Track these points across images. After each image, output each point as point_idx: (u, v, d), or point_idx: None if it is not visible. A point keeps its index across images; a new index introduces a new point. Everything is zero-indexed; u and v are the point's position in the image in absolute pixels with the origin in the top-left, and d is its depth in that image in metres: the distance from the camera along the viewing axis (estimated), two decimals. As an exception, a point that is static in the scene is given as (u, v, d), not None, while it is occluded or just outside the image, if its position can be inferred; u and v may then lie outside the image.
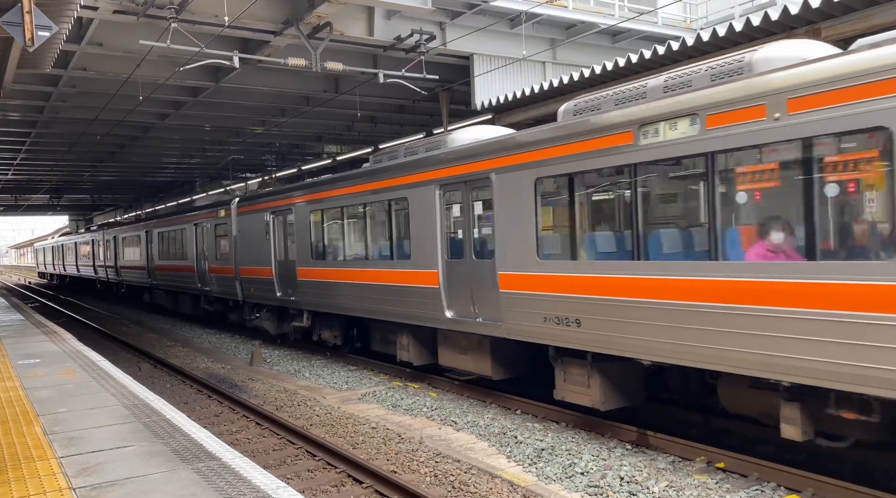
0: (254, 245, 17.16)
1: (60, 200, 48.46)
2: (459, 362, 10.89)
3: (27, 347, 13.60)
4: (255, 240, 17.12)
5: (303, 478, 7.88)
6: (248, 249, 17.61)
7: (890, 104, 5.26)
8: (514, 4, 15.09)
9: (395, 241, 11.83)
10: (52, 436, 6.85)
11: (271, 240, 16.27)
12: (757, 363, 6.27)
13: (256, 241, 17.01)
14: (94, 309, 32.29)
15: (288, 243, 15.66)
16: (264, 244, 16.56)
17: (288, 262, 15.54)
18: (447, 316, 10.43)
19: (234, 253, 18.34)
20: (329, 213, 13.91)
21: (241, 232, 18.03)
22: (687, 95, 6.85)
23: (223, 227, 19.41)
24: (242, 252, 17.88)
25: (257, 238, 16.93)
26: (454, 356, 11.04)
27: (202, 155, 30.49)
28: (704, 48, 11.20)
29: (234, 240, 18.36)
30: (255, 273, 17.08)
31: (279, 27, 13.82)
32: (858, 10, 9.41)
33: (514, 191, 8.96)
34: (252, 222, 17.33)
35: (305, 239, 14.62)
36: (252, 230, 17.33)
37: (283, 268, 15.76)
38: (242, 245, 17.92)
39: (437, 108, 19.25)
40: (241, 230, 17.97)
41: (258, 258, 16.89)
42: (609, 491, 6.99)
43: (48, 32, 8.85)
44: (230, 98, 19.69)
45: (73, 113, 20.91)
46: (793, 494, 6.65)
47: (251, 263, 17.33)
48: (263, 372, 14.58)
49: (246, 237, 17.73)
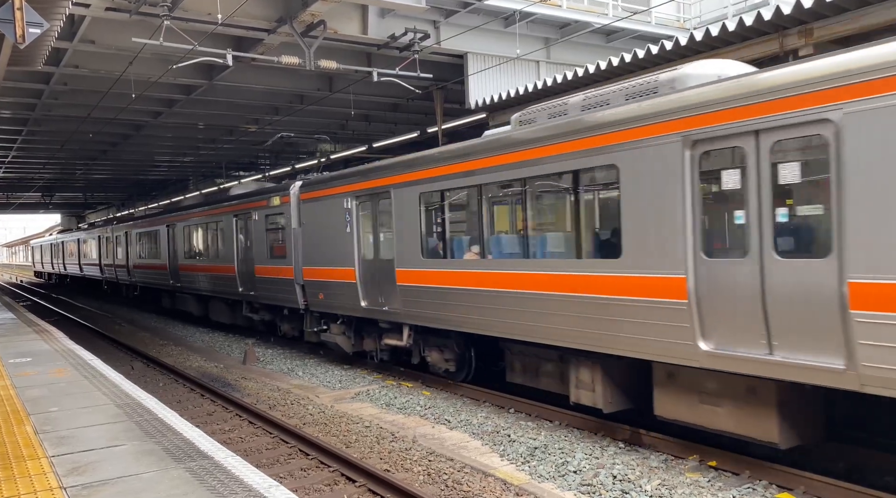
0: (325, 240, 13.76)
1: (52, 199, 48.25)
2: (709, 418, 7.33)
3: (18, 345, 13.53)
4: (327, 233, 13.66)
5: (296, 477, 7.87)
6: (315, 244, 14.14)
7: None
8: (508, 3, 15.09)
9: (591, 231, 8.75)
10: (43, 435, 6.81)
11: (354, 233, 12.79)
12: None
13: (329, 235, 13.57)
14: (87, 308, 32.15)
15: (380, 237, 12.33)
16: (342, 238, 13.08)
17: (380, 261, 12.21)
18: (703, 349, 6.91)
19: (295, 250, 14.81)
20: (455, 194, 10.59)
21: (305, 224, 14.50)
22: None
23: (277, 219, 15.87)
24: (307, 249, 14.40)
25: (331, 231, 13.48)
26: (698, 408, 7.44)
27: (195, 153, 30.39)
28: (697, 48, 11.24)
29: (295, 234, 14.83)
30: (327, 275, 13.67)
31: (273, 25, 13.78)
32: (851, 10, 9.45)
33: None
34: (323, 211, 13.80)
35: (412, 231, 11.20)
36: (323, 221, 13.82)
37: (373, 268, 12.38)
38: (308, 240, 14.43)
39: (431, 106, 19.24)
40: (307, 221, 14.45)
41: (331, 256, 13.46)
42: (602, 489, 7.00)
43: (39, 29, 8.81)
44: (223, 96, 19.64)
45: (65, 110, 20.81)
46: (784, 493, 6.68)
47: (320, 263, 13.90)
48: (257, 371, 14.55)
49: (313, 230, 14.23)
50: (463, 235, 10.68)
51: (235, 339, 19.16)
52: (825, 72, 5.81)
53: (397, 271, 11.50)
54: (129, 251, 29.62)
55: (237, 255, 18.13)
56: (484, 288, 9.65)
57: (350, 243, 12.86)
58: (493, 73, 16.39)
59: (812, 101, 5.87)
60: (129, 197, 50.96)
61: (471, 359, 11.20)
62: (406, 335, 11.79)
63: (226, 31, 14.08)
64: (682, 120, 6.92)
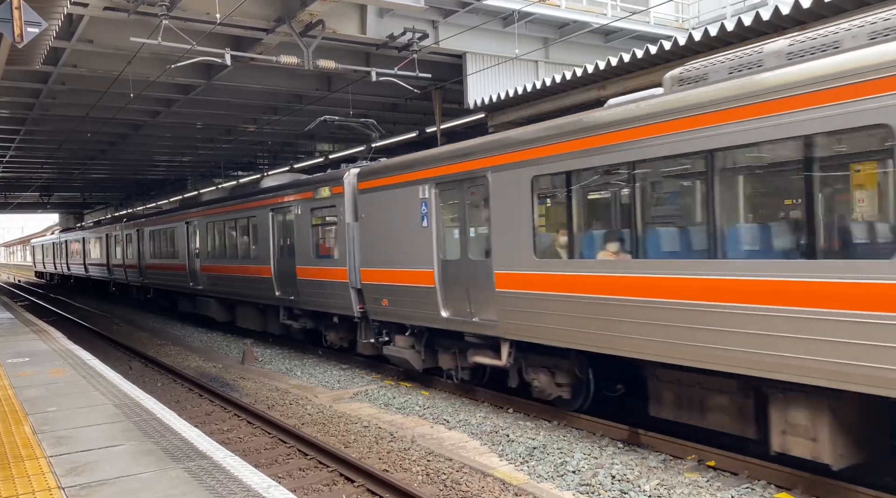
0: (391, 236, 11.68)
1: (50, 198, 48.21)
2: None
3: (16, 345, 13.51)
4: (394, 228, 11.61)
5: (294, 477, 7.86)
6: (377, 241, 12.07)
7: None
8: (506, 3, 15.09)
9: (832, 221, 6.34)
10: (42, 435, 6.80)
11: (433, 227, 10.67)
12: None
13: (398, 231, 11.51)
14: (85, 307, 32.11)
15: (469, 233, 10.24)
16: (416, 235, 11.02)
17: (469, 262, 10.10)
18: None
19: (349, 248, 12.79)
20: (588, 176, 8.27)
21: (364, 217, 12.43)
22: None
23: (327, 212, 13.82)
24: (367, 247, 12.39)
25: (400, 225, 11.41)
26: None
27: (194, 153, 30.37)
28: (696, 48, 11.23)
29: (350, 229, 12.77)
30: (394, 278, 11.61)
31: (271, 25, 13.78)
32: (849, 10, 9.46)
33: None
34: (389, 202, 11.71)
35: (519, 224, 8.98)
36: (389, 214, 11.72)
37: (458, 271, 10.30)
38: (367, 236, 12.36)
39: (429, 106, 19.24)
40: (366, 214, 12.38)
41: (400, 256, 11.43)
42: (600, 489, 7.00)
43: (37, 28, 8.80)
44: (222, 96, 19.63)
45: (64, 110, 20.80)
46: (783, 492, 6.68)
47: (385, 263, 11.85)
48: (255, 371, 14.54)
49: (375, 225, 12.14)
50: (596, 229, 8.48)
51: (234, 339, 19.15)
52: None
53: (496, 275, 9.32)
54: (141, 250, 27.50)
55: (274, 254, 16.06)
56: (631, 297, 7.53)
57: (427, 240, 10.77)
58: (491, 73, 16.39)
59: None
60: (128, 197, 50.93)
61: (589, 383, 9.01)
62: (506, 353, 9.56)
63: (224, 31, 14.07)
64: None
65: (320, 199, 13.91)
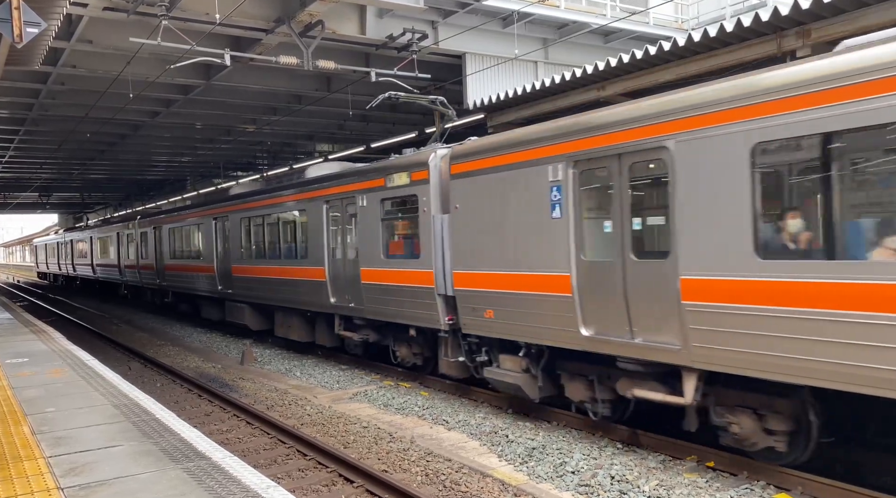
0: (501, 231, 9.37)
1: (50, 199, 48.18)
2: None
3: (15, 345, 13.50)
4: (505, 221, 9.28)
5: (293, 477, 7.86)
6: (479, 237, 9.78)
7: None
8: (506, 4, 15.09)
9: None
10: (41, 435, 6.80)
11: (569, 219, 8.28)
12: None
13: (510, 225, 9.20)
14: (84, 308, 32.09)
15: (631, 225, 7.70)
16: (541, 228, 8.70)
17: (629, 265, 7.59)
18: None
19: (436, 246, 10.60)
20: (863, 138, 5.86)
21: (460, 208, 10.14)
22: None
23: (404, 203, 11.66)
24: (462, 244, 10.16)
25: (515, 217, 9.09)
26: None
27: (193, 153, 30.36)
28: (695, 49, 11.24)
29: (438, 223, 10.61)
30: (502, 284, 9.33)
31: (271, 25, 13.77)
32: (848, 10, 9.46)
33: None
34: (498, 189, 9.37)
35: (727, 212, 6.60)
36: (497, 204, 9.41)
37: (608, 276, 7.83)
38: (463, 231, 10.13)
39: (429, 107, 19.23)
40: (463, 204, 10.09)
41: (513, 256, 9.15)
42: (600, 490, 7.00)
43: (37, 29, 8.79)
44: (221, 96, 19.62)
45: (63, 110, 20.78)
46: (782, 493, 6.69)
47: (490, 265, 9.54)
48: (254, 371, 14.53)
49: (476, 217, 9.84)
50: (866, 218, 6.01)
51: (233, 339, 19.13)
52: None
53: (682, 282, 6.95)
54: (158, 250, 25.12)
55: (329, 254, 13.80)
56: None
57: (559, 237, 8.39)
58: (491, 74, 16.38)
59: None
60: (127, 197, 50.91)
61: (809, 431, 6.77)
62: (691, 388, 7.15)
63: (224, 31, 14.07)
64: None
65: (395, 187, 11.64)
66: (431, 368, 12.12)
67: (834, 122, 5.74)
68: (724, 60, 10.91)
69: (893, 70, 5.41)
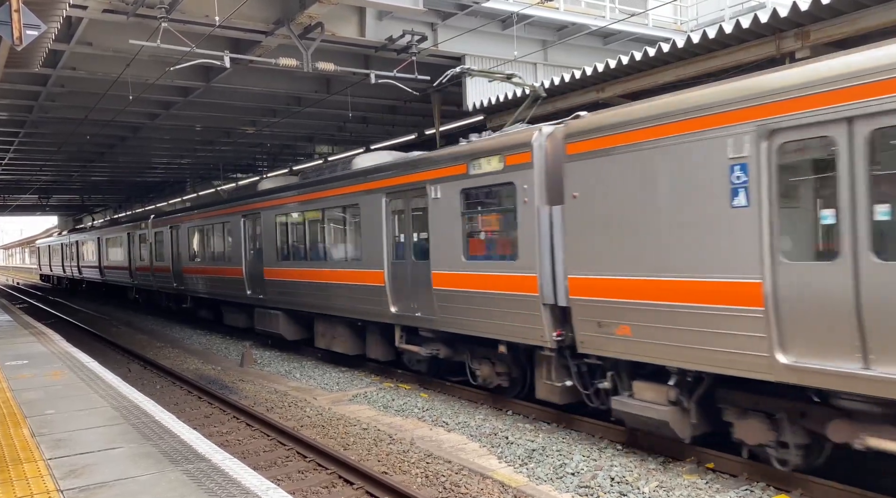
0: (646, 225, 7.38)
1: (49, 201, 48.20)
2: None
3: (15, 348, 13.50)
4: (654, 212, 7.29)
5: (293, 479, 7.86)
6: (610, 235, 7.78)
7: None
8: (505, 6, 15.12)
9: None
10: (40, 438, 6.79)
11: (760, 207, 6.34)
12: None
13: (662, 216, 7.22)
14: (84, 310, 32.08)
15: (875, 215, 5.65)
16: (710, 222, 6.75)
17: (864, 267, 5.66)
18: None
19: (543, 245, 8.69)
20: None
21: (581, 198, 8.11)
22: None
23: (493, 193, 9.80)
24: (585, 243, 8.11)
25: (670, 206, 7.13)
26: None
27: (192, 155, 30.38)
28: (694, 50, 11.25)
29: (542, 217, 8.70)
30: (650, 293, 7.34)
31: (270, 27, 13.78)
32: (847, 12, 9.47)
33: None
34: (644, 171, 7.36)
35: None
36: (641, 191, 7.43)
37: (822, 284, 5.93)
38: (584, 227, 8.11)
39: (428, 108, 19.26)
40: (585, 193, 8.06)
41: (667, 257, 7.16)
42: (600, 491, 7.00)
43: (36, 31, 8.79)
44: (221, 98, 19.63)
45: (63, 113, 20.79)
46: (782, 494, 6.69)
47: (628, 269, 7.56)
48: (254, 373, 14.53)
49: (606, 208, 7.82)
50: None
51: (233, 341, 19.13)
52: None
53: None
54: (175, 252, 23.44)
55: (388, 254, 12.03)
56: None
57: (743, 230, 6.44)
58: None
59: None
60: (127, 199, 50.92)
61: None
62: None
63: (223, 34, 14.08)
64: None
65: (481, 174, 9.71)
66: (519, 390, 10.32)
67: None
68: (723, 62, 10.95)
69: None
